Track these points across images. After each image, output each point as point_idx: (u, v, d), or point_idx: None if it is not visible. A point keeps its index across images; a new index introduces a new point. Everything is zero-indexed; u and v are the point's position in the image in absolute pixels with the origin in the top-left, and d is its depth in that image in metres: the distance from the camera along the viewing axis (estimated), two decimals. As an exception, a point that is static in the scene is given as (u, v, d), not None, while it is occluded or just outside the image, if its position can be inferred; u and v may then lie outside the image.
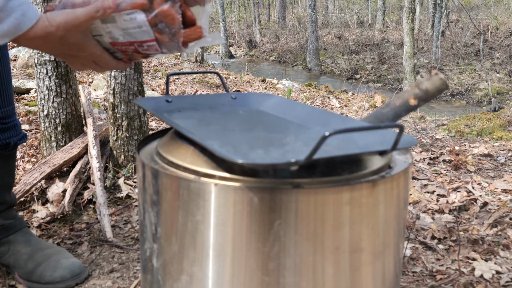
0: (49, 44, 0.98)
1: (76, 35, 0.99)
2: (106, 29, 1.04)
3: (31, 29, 0.92)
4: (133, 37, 1.05)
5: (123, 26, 1.03)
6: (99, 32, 1.05)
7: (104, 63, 1.08)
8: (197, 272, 1.00)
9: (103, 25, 1.03)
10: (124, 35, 1.05)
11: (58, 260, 1.72)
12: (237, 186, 0.91)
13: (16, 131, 1.74)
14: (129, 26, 1.03)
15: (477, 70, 12.50)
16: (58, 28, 0.95)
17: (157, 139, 1.30)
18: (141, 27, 1.02)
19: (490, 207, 2.42)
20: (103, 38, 1.06)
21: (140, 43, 1.06)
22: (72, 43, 1.00)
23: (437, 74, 1.05)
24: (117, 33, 1.05)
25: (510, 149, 3.50)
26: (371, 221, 0.97)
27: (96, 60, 1.07)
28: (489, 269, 1.85)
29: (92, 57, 1.06)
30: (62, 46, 0.99)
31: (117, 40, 1.06)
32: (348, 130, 0.82)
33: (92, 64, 1.09)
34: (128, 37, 1.05)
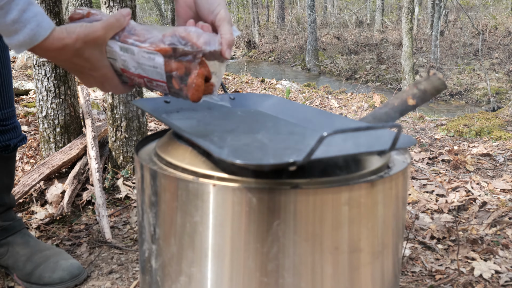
0: (64, 56, 0.98)
1: (92, 50, 1.00)
2: (121, 56, 1.05)
3: (47, 39, 0.93)
4: (146, 73, 1.05)
5: (139, 60, 1.04)
6: (114, 56, 1.05)
7: (112, 86, 1.09)
8: (195, 273, 0.99)
9: (120, 52, 1.04)
10: (137, 67, 1.05)
11: (57, 261, 1.72)
12: (236, 187, 0.91)
13: (16, 133, 1.74)
14: (145, 62, 1.04)
15: (476, 70, 12.50)
16: (76, 40, 0.96)
17: (155, 140, 1.29)
18: (156, 68, 1.03)
19: (489, 206, 2.42)
20: (116, 62, 1.07)
21: (150, 80, 1.06)
22: (86, 58, 1.00)
23: (435, 74, 1.05)
24: (131, 64, 1.05)
25: (509, 149, 3.50)
26: (370, 221, 0.96)
27: (105, 82, 1.08)
28: (488, 269, 1.85)
29: (102, 79, 1.07)
30: (77, 59, 0.99)
31: (128, 69, 1.07)
32: (346, 130, 0.82)
33: (100, 84, 1.09)
34: (140, 70, 1.06)
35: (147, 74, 1.05)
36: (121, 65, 1.07)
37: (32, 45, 0.92)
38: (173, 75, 1.03)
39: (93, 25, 0.99)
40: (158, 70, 1.03)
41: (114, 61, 1.07)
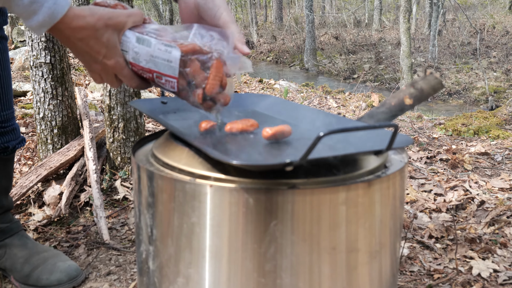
0: (82, 35, 0.97)
1: (111, 34, 1.00)
2: (135, 48, 1.04)
3: (66, 16, 0.93)
4: (157, 67, 1.05)
5: (154, 53, 1.04)
6: (127, 48, 1.05)
7: (124, 76, 1.08)
8: (193, 274, 0.99)
9: (135, 43, 1.04)
10: (149, 61, 1.05)
11: (54, 263, 1.71)
12: (233, 187, 0.91)
13: (15, 135, 1.73)
14: (159, 55, 1.03)
15: (474, 69, 12.52)
16: (98, 19, 0.96)
17: (152, 141, 1.29)
18: (170, 62, 1.03)
19: (487, 205, 2.42)
20: (127, 55, 1.06)
21: (160, 75, 1.06)
22: (104, 42, 1.00)
23: (432, 73, 1.05)
24: (143, 56, 1.05)
25: (507, 148, 3.50)
26: (367, 221, 0.96)
27: (118, 72, 1.07)
28: (486, 268, 1.85)
29: (115, 68, 1.06)
30: (94, 42, 0.99)
31: (138, 63, 1.06)
32: (343, 130, 0.82)
33: (112, 76, 1.09)
34: (151, 64, 1.05)
35: (158, 68, 1.04)
36: (131, 58, 1.06)
37: (52, 24, 0.92)
38: (186, 71, 1.03)
39: (116, 11, 1.00)
40: (172, 65, 1.02)
41: (125, 53, 1.06)
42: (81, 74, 6.09)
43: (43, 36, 2.44)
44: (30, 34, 2.46)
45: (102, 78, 1.10)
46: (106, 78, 1.09)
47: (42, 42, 2.45)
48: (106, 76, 1.09)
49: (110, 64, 1.05)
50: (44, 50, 2.46)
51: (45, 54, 2.47)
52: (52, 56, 2.48)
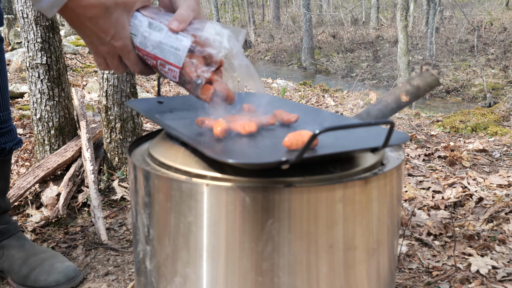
0: (92, 13, 0.96)
1: (121, 14, 1.00)
2: (144, 32, 1.04)
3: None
4: (162, 54, 1.05)
5: (163, 39, 1.04)
6: (136, 32, 1.05)
7: (130, 60, 1.07)
8: (190, 273, 0.99)
9: (146, 27, 1.04)
10: (155, 47, 1.05)
11: (52, 264, 1.71)
12: (229, 186, 0.91)
13: (11, 136, 1.73)
14: (168, 42, 1.04)
15: (471, 66, 12.52)
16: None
17: (149, 141, 1.29)
18: (178, 50, 1.03)
19: (486, 202, 2.42)
20: (135, 38, 1.06)
21: (164, 62, 1.06)
22: (113, 22, 1.00)
23: (428, 70, 1.05)
24: (152, 41, 1.05)
25: (505, 144, 3.50)
26: (365, 219, 0.96)
27: (124, 55, 1.06)
28: (485, 265, 1.85)
29: (122, 51, 1.05)
30: (103, 21, 0.98)
31: (144, 48, 1.06)
32: (338, 127, 0.81)
33: (117, 59, 1.08)
34: (157, 51, 1.05)
35: (164, 55, 1.05)
36: (139, 42, 1.06)
37: (63, 2, 0.91)
38: (192, 62, 1.03)
39: None
40: (179, 53, 1.03)
41: (134, 37, 1.06)
42: (78, 75, 6.08)
43: (39, 37, 2.44)
44: (26, 35, 2.45)
45: (107, 62, 1.09)
46: (111, 62, 1.09)
47: (38, 43, 2.44)
48: (112, 60, 1.08)
49: (118, 46, 1.04)
50: (40, 51, 2.45)
51: (41, 55, 2.46)
52: (48, 57, 2.48)
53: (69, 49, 7.48)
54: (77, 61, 7.01)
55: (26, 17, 2.42)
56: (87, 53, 7.81)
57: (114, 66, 1.10)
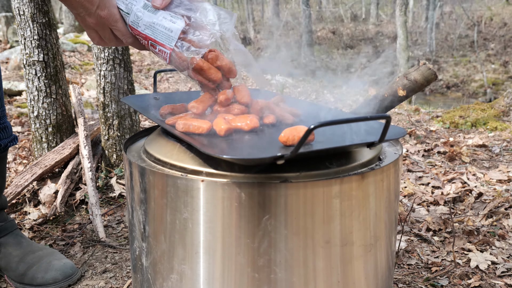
0: None
1: None
2: (138, 12, 1.06)
3: None
4: (154, 34, 1.06)
5: (157, 19, 1.05)
6: (129, 10, 1.07)
7: (119, 30, 1.09)
8: (186, 270, 0.98)
9: (141, 8, 1.06)
10: (147, 27, 1.06)
11: (50, 261, 1.70)
12: (225, 182, 0.90)
13: (6, 133, 1.72)
14: (161, 23, 1.05)
15: (472, 62, 12.50)
16: None
17: (145, 137, 1.28)
18: (171, 31, 1.04)
19: (485, 197, 2.41)
20: (128, 17, 1.07)
21: (155, 43, 1.07)
22: None
23: (425, 64, 1.04)
24: (144, 21, 1.06)
25: (505, 139, 3.49)
26: (361, 214, 0.95)
27: (112, 25, 1.08)
28: (484, 260, 1.84)
29: (109, 20, 1.07)
30: None
31: (136, 27, 1.07)
32: (334, 122, 0.80)
33: (107, 31, 1.10)
34: (149, 31, 1.06)
35: (155, 36, 1.06)
36: (130, 21, 1.07)
37: None
38: (183, 43, 1.04)
39: None
40: (172, 35, 1.04)
41: (126, 15, 1.07)
42: (77, 73, 6.07)
43: (35, 34, 2.43)
44: (23, 33, 2.44)
45: (100, 35, 1.11)
46: (103, 34, 1.10)
47: (35, 40, 2.43)
48: (103, 31, 1.10)
49: (103, 15, 1.06)
50: (37, 48, 2.44)
51: (38, 52, 2.45)
52: (45, 54, 2.47)
53: (67, 47, 7.46)
54: (76, 59, 7.00)
55: (22, 14, 2.41)
56: (86, 50, 7.80)
57: (106, 38, 1.12)
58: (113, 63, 2.42)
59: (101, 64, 2.43)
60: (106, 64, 2.42)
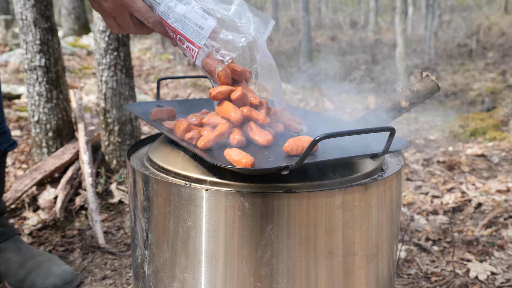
0: None
1: None
2: (170, 2, 1.02)
3: None
4: (184, 29, 1.02)
5: (188, 14, 1.01)
6: (159, 1, 1.02)
7: (138, 10, 1.04)
8: (189, 278, 0.98)
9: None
10: (177, 20, 1.02)
11: (49, 267, 1.70)
12: (228, 191, 0.90)
13: (5, 138, 1.72)
14: (193, 18, 1.00)
15: (470, 70, 12.54)
16: None
17: (148, 145, 1.28)
18: (202, 29, 1.00)
19: (485, 207, 2.41)
20: (159, 6, 1.03)
21: (184, 39, 1.02)
22: None
23: (428, 76, 1.04)
24: (174, 14, 1.02)
25: (504, 149, 3.50)
26: (364, 224, 0.96)
27: (132, 7, 1.03)
28: (484, 270, 1.84)
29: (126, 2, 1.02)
30: None
31: (166, 19, 1.03)
32: (338, 134, 0.81)
33: (126, 15, 1.05)
34: (179, 25, 1.02)
35: (185, 31, 1.02)
36: (160, 11, 1.03)
37: None
38: (212, 44, 1.00)
39: None
40: (202, 32, 1.00)
41: (157, 4, 1.03)
42: (76, 77, 6.07)
43: (37, 39, 2.43)
44: (25, 37, 2.44)
45: (118, 22, 1.06)
46: (121, 19, 1.05)
47: (36, 45, 2.44)
48: (121, 16, 1.05)
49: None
50: (38, 53, 2.45)
51: (40, 57, 2.45)
52: (47, 59, 2.47)
53: (67, 51, 7.46)
54: (75, 63, 7.01)
55: (25, 19, 2.41)
56: (85, 54, 7.80)
57: (125, 24, 1.06)
58: (115, 69, 2.42)
59: (102, 69, 2.43)
60: (108, 69, 2.42)
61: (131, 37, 14.96)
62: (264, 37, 1.01)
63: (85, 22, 9.69)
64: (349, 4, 25.61)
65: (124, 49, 2.44)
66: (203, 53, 1.02)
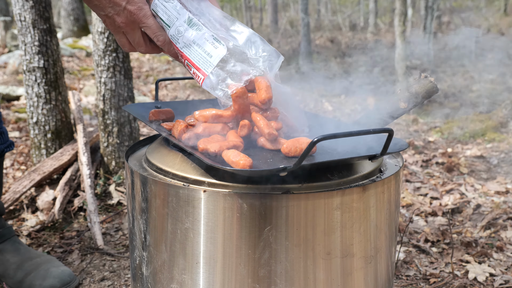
0: None
1: None
2: (180, 27, 1.00)
3: None
4: (191, 56, 1.01)
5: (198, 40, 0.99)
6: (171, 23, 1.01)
7: (149, 27, 1.04)
8: (187, 280, 0.98)
9: (184, 23, 1.00)
10: (186, 46, 1.01)
11: (47, 269, 1.69)
12: (226, 193, 0.90)
13: (3, 139, 1.72)
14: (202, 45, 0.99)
15: (469, 72, 12.54)
16: None
17: (146, 146, 1.28)
18: (210, 56, 0.98)
19: (483, 209, 2.41)
20: (169, 30, 1.02)
21: (191, 65, 1.01)
22: None
23: (426, 77, 1.04)
24: (185, 39, 1.01)
25: (503, 151, 3.50)
26: (362, 226, 0.96)
27: (142, 22, 1.03)
28: (482, 272, 1.84)
29: (139, 16, 1.02)
30: None
31: (176, 43, 1.02)
32: (336, 136, 0.81)
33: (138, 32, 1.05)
34: (187, 50, 1.01)
35: (192, 57, 1.01)
36: (170, 35, 1.02)
37: None
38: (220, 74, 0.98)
39: None
40: (211, 60, 0.98)
41: (167, 28, 1.02)
42: (75, 78, 6.07)
43: (36, 40, 2.43)
44: (24, 39, 2.44)
45: (129, 38, 1.06)
46: (132, 36, 1.05)
47: (35, 46, 2.44)
48: (132, 33, 1.05)
49: (133, 10, 1.01)
50: (37, 54, 2.45)
51: (39, 59, 2.45)
52: (46, 61, 2.47)
53: (66, 52, 7.46)
54: (74, 64, 7.01)
55: (23, 20, 2.41)
56: (84, 56, 7.80)
57: (136, 42, 1.06)
58: (114, 70, 2.42)
59: (101, 71, 2.43)
60: (107, 71, 2.42)
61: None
62: (274, 71, 0.99)
63: (84, 24, 9.69)
64: (348, 6, 25.63)
65: (122, 50, 2.44)
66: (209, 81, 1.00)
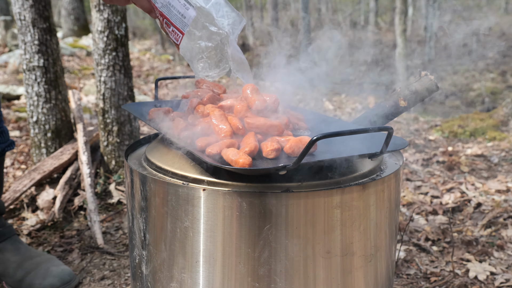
0: None
1: None
2: None
3: None
4: (169, 15, 1.07)
5: (173, 2, 1.06)
6: None
7: None
8: (186, 279, 0.98)
9: None
10: (165, 6, 1.07)
11: (47, 268, 1.69)
12: (226, 191, 0.90)
13: (3, 138, 1.72)
14: (176, 6, 1.06)
15: (470, 70, 12.54)
16: None
17: (145, 145, 1.28)
18: (184, 17, 1.05)
19: (484, 207, 2.41)
20: None
21: (169, 23, 1.08)
22: None
23: (426, 75, 1.04)
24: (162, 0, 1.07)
25: (504, 149, 3.49)
26: (362, 224, 0.95)
27: None
28: (483, 270, 1.84)
29: None
30: None
31: (154, 2, 1.08)
32: (336, 134, 0.81)
33: None
34: (165, 10, 1.08)
35: (170, 16, 1.07)
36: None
37: None
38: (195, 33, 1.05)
39: None
40: (185, 21, 1.06)
41: None
42: (75, 78, 6.07)
43: (36, 40, 2.43)
44: (23, 38, 2.44)
45: None
46: None
47: (35, 46, 2.43)
48: None
49: None
50: (37, 54, 2.44)
51: (38, 58, 2.45)
52: (45, 60, 2.47)
53: (66, 51, 7.46)
54: (74, 63, 7.01)
55: (23, 19, 2.41)
56: (84, 55, 7.80)
57: None
58: (113, 69, 2.42)
59: (101, 70, 2.43)
60: (107, 70, 2.42)
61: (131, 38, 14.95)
62: (236, 33, 1.07)
63: (84, 23, 9.69)
64: (349, 5, 25.61)
65: (122, 49, 2.44)
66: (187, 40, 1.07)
